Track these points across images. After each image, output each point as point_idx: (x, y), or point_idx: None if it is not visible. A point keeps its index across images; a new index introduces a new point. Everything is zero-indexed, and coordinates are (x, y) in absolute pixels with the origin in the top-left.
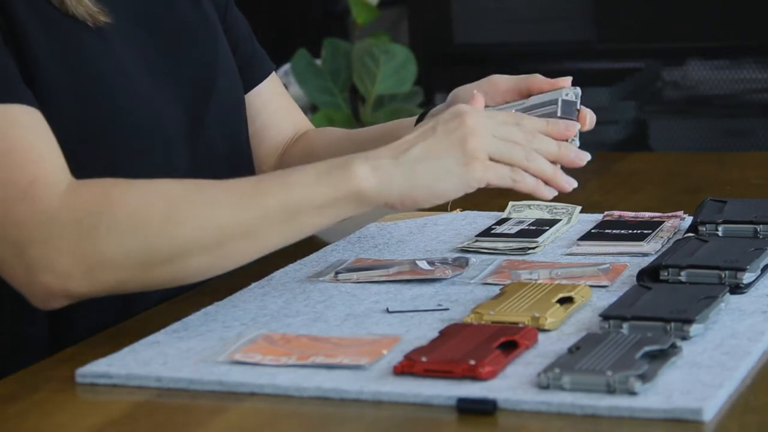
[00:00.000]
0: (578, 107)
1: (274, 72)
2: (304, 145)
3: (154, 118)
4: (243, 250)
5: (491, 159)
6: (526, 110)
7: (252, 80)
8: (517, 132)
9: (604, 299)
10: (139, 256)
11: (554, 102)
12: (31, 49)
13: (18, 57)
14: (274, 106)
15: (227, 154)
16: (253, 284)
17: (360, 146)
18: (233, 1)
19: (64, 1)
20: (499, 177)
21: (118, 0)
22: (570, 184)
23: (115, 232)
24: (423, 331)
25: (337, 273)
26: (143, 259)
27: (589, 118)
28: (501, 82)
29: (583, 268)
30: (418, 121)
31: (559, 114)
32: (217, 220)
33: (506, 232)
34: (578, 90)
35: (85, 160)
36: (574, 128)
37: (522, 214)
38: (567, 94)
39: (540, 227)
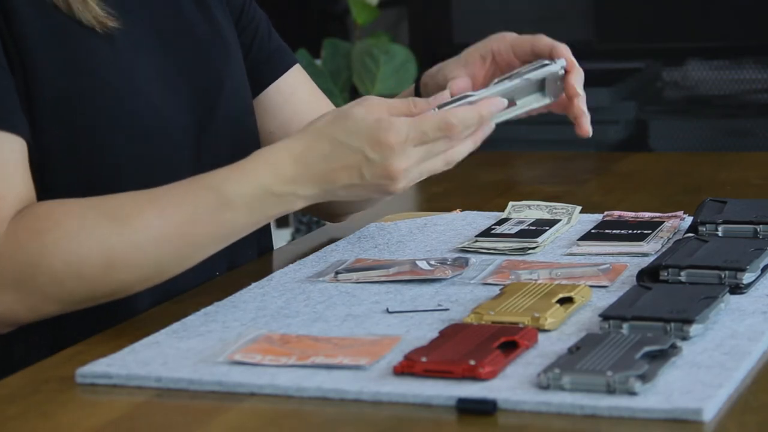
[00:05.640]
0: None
1: (298, 65)
2: None
3: (160, 125)
4: (181, 269)
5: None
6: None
7: (272, 74)
8: (442, 156)
9: (604, 299)
10: (81, 295)
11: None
12: (34, 53)
13: (20, 64)
14: (298, 98)
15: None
16: (253, 284)
17: None
18: (251, 1)
19: (71, 6)
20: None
21: (127, 7)
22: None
23: (56, 280)
24: (423, 331)
25: (337, 273)
26: (86, 297)
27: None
28: (509, 40)
29: (583, 268)
30: None
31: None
32: (155, 259)
33: (506, 232)
34: (563, 62)
35: (89, 164)
36: (501, 103)
37: (522, 214)
38: (553, 70)
39: (540, 227)
